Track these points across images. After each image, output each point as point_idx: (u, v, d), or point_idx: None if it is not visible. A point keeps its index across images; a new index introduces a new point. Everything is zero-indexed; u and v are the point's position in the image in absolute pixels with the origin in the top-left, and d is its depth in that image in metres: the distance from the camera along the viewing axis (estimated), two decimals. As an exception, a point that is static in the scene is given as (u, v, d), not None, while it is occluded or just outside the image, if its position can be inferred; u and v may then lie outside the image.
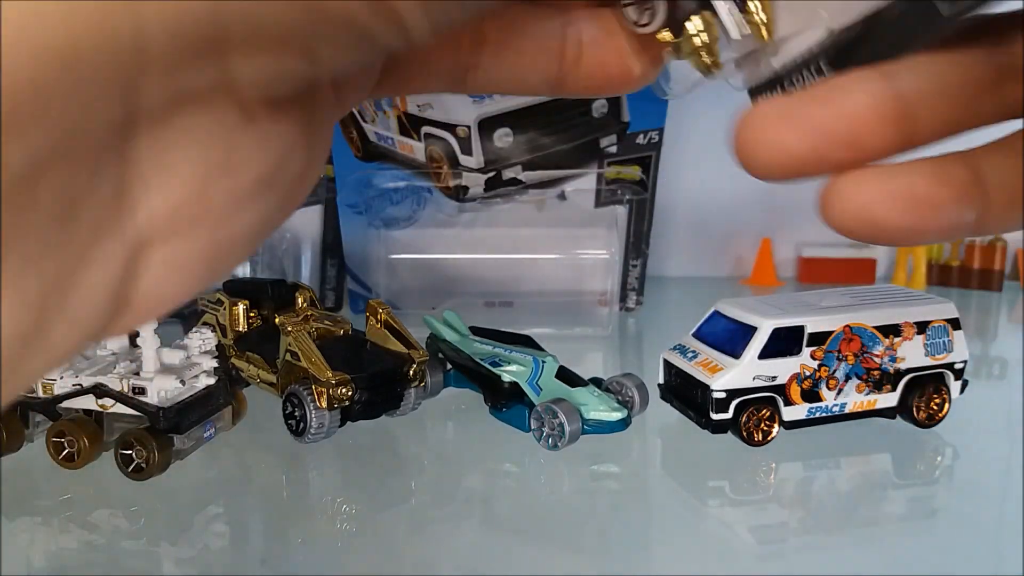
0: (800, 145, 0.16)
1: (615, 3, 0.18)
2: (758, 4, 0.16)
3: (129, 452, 0.42)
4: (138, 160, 0.13)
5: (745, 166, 0.17)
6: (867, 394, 0.49)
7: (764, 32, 0.16)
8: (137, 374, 0.43)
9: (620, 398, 0.50)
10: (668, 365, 0.52)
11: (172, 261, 0.14)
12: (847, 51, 0.17)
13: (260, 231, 0.16)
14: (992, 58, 0.17)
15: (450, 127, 0.72)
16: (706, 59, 0.16)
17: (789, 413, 0.48)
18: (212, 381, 0.45)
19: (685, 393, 0.50)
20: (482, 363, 0.52)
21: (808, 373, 0.47)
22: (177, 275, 0.14)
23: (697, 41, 0.16)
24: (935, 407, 0.50)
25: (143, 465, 0.41)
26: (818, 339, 0.47)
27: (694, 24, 0.16)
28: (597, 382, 0.51)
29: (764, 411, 0.47)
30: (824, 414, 0.48)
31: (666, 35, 0.17)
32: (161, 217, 0.13)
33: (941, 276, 1.02)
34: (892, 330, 0.49)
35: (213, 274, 0.15)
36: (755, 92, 0.18)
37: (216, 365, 0.46)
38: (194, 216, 0.14)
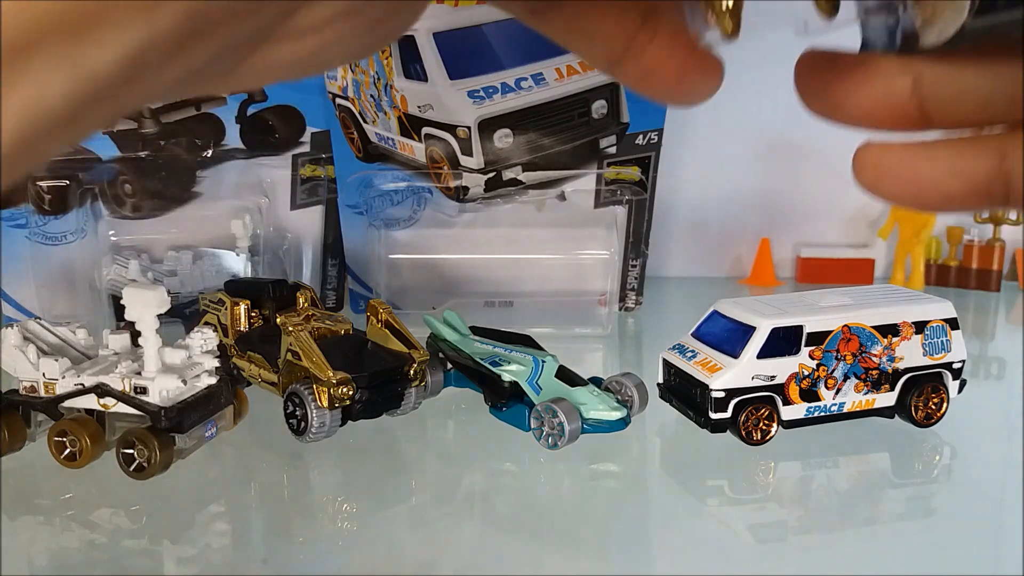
0: (825, 112, 0.20)
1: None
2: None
3: (131, 451, 0.42)
4: None
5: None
6: (865, 393, 0.49)
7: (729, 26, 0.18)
8: (139, 373, 0.43)
9: (619, 397, 0.50)
10: (667, 365, 0.52)
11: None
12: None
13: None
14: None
15: (450, 128, 0.72)
16: (728, 24, 0.18)
17: (788, 412, 0.48)
18: (213, 381, 0.45)
19: (684, 392, 0.50)
20: (482, 363, 0.52)
21: (807, 372, 0.48)
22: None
23: (722, 6, 0.18)
24: (933, 406, 0.50)
25: (145, 464, 0.42)
26: (816, 339, 0.48)
27: None
28: (597, 381, 0.51)
29: (763, 410, 0.47)
30: (822, 413, 0.49)
31: None
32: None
33: (939, 276, 1.02)
34: (890, 330, 0.49)
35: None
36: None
37: (218, 365, 0.46)
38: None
